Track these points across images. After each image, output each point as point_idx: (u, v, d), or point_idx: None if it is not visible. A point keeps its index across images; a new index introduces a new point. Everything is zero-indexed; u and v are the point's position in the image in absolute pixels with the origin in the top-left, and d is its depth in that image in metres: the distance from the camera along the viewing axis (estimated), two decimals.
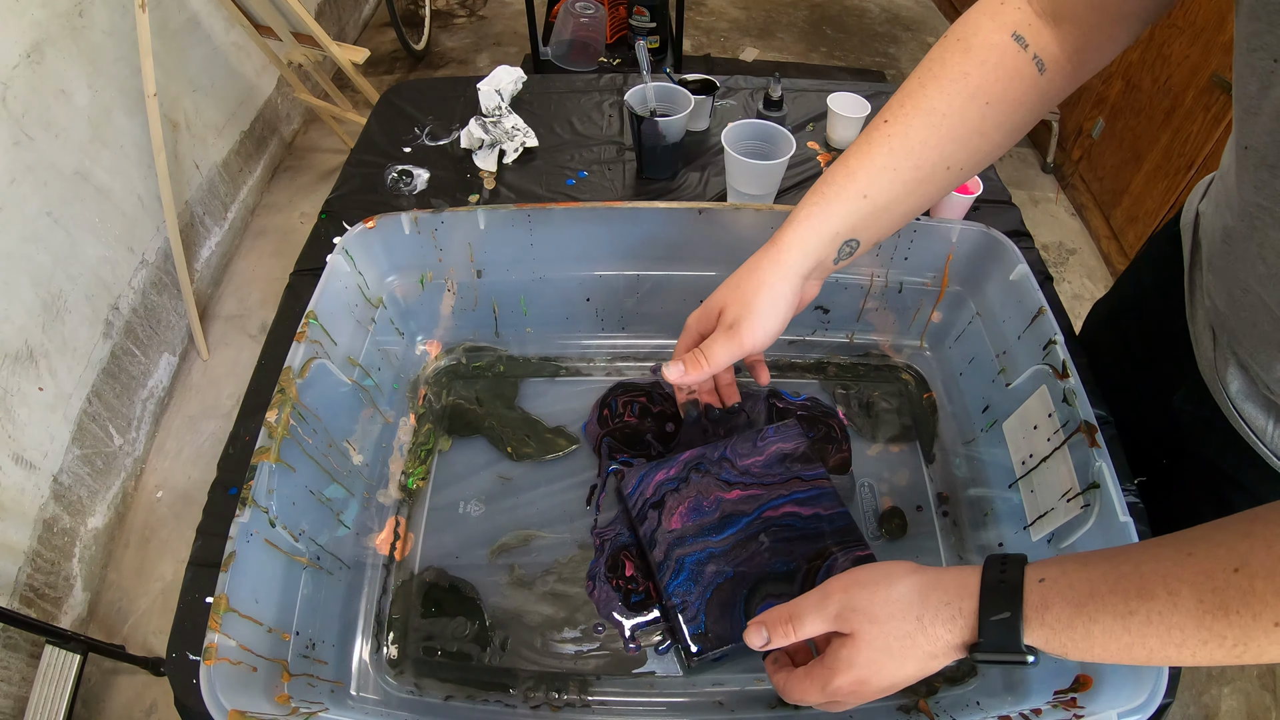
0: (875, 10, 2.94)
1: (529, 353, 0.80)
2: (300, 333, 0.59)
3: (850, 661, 0.43)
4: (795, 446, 0.67)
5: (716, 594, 0.59)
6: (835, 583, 0.45)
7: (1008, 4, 0.50)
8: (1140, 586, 0.36)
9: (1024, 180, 2.22)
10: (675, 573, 0.60)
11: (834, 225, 0.51)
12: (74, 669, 1.07)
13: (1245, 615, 0.33)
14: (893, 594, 0.43)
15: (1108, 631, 0.37)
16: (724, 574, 0.60)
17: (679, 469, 0.65)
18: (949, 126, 0.49)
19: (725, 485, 0.64)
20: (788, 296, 0.52)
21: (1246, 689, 1.24)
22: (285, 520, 0.53)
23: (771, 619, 0.47)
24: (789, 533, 0.62)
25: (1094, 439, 0.53)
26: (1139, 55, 1.85)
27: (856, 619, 0.43)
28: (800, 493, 0.64)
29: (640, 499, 0.64)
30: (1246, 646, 0.34)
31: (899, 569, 0.45)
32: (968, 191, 0.85)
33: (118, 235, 1.51)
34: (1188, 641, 0.35)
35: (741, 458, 0.66)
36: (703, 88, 1.01)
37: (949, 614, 0.41)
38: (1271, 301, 0.46)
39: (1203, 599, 0.34)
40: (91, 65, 1.42)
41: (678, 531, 0.62)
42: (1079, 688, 0.47)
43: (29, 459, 1.25)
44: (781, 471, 0.65)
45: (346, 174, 0.97)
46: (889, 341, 0.80)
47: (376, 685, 0.58)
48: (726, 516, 0.63)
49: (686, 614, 0.58)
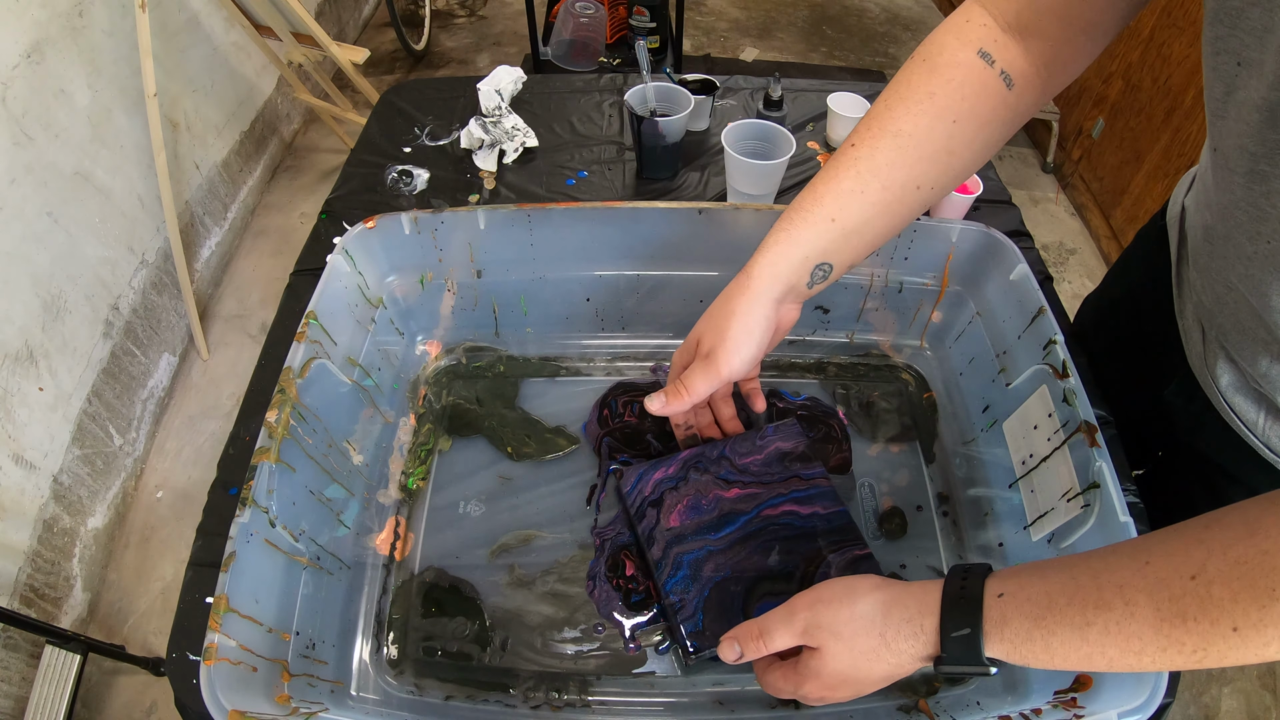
0: (875, 10, 2.94)
1: (529, 353, 0.80)
2: (300, 333, 0.59)
3: (817, 672, 0.45)
4: (794, 446, 0.67)
5: (714, 592, 0.59)
6: (801, 599, 0.47)
7: (973, 21, 0.50)
8: (1098, 598, 0.37)
9: (1024, 180, 2.22)
10: (674, 571, 0.60)
11: (803, 250, 0.51)
12: (74, 669, 1.07)
13: (1204, 622, 0.33)
14: (856, 611, 0.44)
15: (1066, 643, 0.37)
16: (722, 572, 0.60)
17: (678, 467, 0.65)
18: (915, 147, 0.49)
19: (724, 484, 0.64)
20: (761, 323, 0.52)
21: (1246, 689, 1.24)
22: (285, 520, 0.53)
23: (743, 634, 0.48)
24: (788, 531, 0.62)
25: (1094, 439, 0.53)
26: (1139, 55, 1.85)
27: (822, 635, 0.44)
28: (799, 491, 0.64)
29: (639, 497, 0.64)
30: (1207, 652, 0.34)
31: (862, 585, 0.45)
32: (968, 191, 0.85)
33: (118, 235, 1.51)
34: (1147, 649, 0.35)
35: (741, 456, 0.66)
36: (703, 88, 1.01)
37: (911, 630, 0.42)
38: (1253, 298, 0.46)
39: (1160, 608, 0.35)
40: (91, 65, 1.42)
41: (676, 530, 0.62)
42: (1079, 688, 0.47)
43: (29, 459, 1.25)
44: (780, 470, 0.65)
45: (346, 174, 0.97)
46: (889, 341, 0.80)
47: (376, 685, 0.58)
48: (725, 515, 0.63)
49: (684, 612, 0.58)
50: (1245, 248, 0.45)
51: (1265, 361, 0.49)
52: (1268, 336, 0.47)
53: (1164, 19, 1.75)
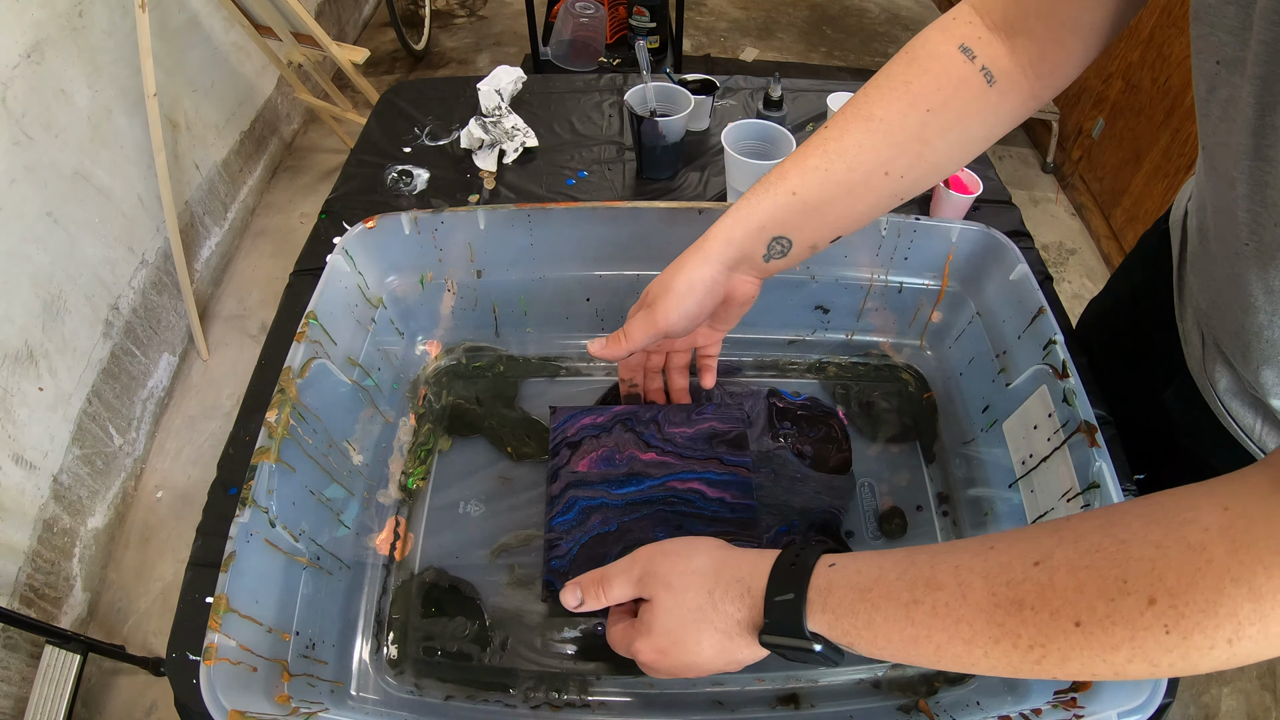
0: (875, 10, 2.94)
1: (529, 353, 0.80)
2: (300, 333, 0.59)
3: (649, 626, 0.43)
4: (730, 429, 0.65)
5: (593, 542, 0.58)
6: (644, 549, 0.46)
7: (959, 18, 0.50)
8: (930, 576, 0.34)
9: (1024, 180, 2.22)
10: (563, 510, 0.60)
11: (759, 219, 0.52)
12: (74, 669, 1.07)
13: (1042, 612, 0.31)
14: (691, 565, 0.43)
15: (890, 620, 0.35)
16: (608, 527, 0.59)
17: (608, 418, 0.65)
18: (885, 131, 0.49)
19: (644, 446, 0.64)
20: (706, 282, 0.52)
21: (1246, 689, 1.24)
22: (285, 520, 0.53)
23: (585, 580, 0.47)
24: (687, 509, 0.61)
25: (1094, 439, 0.53)
26: (1139, 55, 1.85)
27: (655, 585, 0.44)
28: (715, 474, 0.63)
29: (561, 435, 0.65)
30: (1045, 650, 0.31)
31: (704, 544, 0.45)
32: (968, 191, 0.85)
33: (118, 235, 1.51)
34: (978, 638, 0.32)
35: (671, 425, 0.65)
36: (703, 88, 1.01)
37: (738, 591, 0.41)
38: (1240, 299, 0.46)
39: (995, 591, 0.32)
40: (91, 65, 1.42)
41: (582, 475, 0.62)
42: (1079, 688, 0.47)
43: (29, 459, 1.25)
44: (704, 449, 0.64)
45: (346, 174, 0.97)
46: (889, 341, 0.80)
47: (376, 685, 0.58)
48: (633, 475, 0.62)
49: (556, 551, 0.58)
50: (1231, 246, 0.45)
51: (1256, 365, 0.49)
52: (1255, 338, 0.47)
53: (1164, 19, 1.75)
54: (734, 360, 0.79)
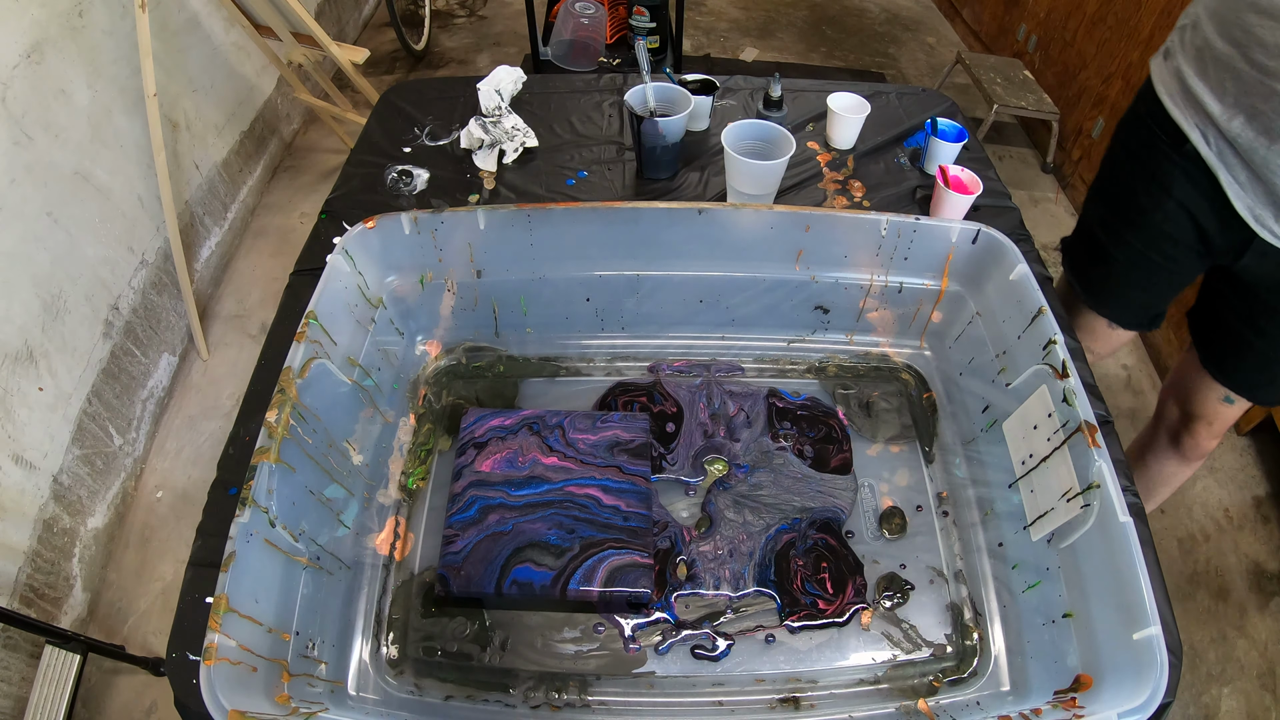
0: (875, 10, 2.94)
1: (529, 353, 0.79)
2: (300, 333, 0.59)
3: None
4: (633, 439, 0.67)
5: (488, 540, 0.61)
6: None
7: None
8: None
9: (1024, 180, 2.22)
10: (464, 508, 0.62)
11: None
12: (74, 669, 1.07)
13: None
14: None
15: None
16: (503, 526, 0.61)
17: (515, 421, 0.68)
18: None
19: (547, 450, 0.66)
20: None
21: (1246, 689, 1.24)
22: (285, 520, 0.53)
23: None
24: (582, 513, 0.63)
25: (1094, 439, 0.53)
26: (1139, 55, 1.85)
27: None
28: (613, 481, 0.65)
29: (469, 435, 0.67)
30: None
31: None
32: (968, 191, 0.85)
33: (118, 235, 1.50)
34: None
35: (576, 431, 0.67)
36: (703, 88, 1.01)
37: None
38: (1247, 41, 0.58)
39: None
40: (91, 65, 1.42)
41: (484, 475, 0.64)
42: (1079, 688, 0.47)
43: (29, 459, 1.25)
44: (606, 457, 0.66)
45: (346, 174, 0.97)
46: (889, 341, 0.80)
47: (376, 685, 0.58)
48: (533, 477, 0.64)
49: (452, 546, 0.60)
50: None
51: None
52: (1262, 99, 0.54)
53: (1164, 19, 1.75)
54: (734, 360, 0.79)
